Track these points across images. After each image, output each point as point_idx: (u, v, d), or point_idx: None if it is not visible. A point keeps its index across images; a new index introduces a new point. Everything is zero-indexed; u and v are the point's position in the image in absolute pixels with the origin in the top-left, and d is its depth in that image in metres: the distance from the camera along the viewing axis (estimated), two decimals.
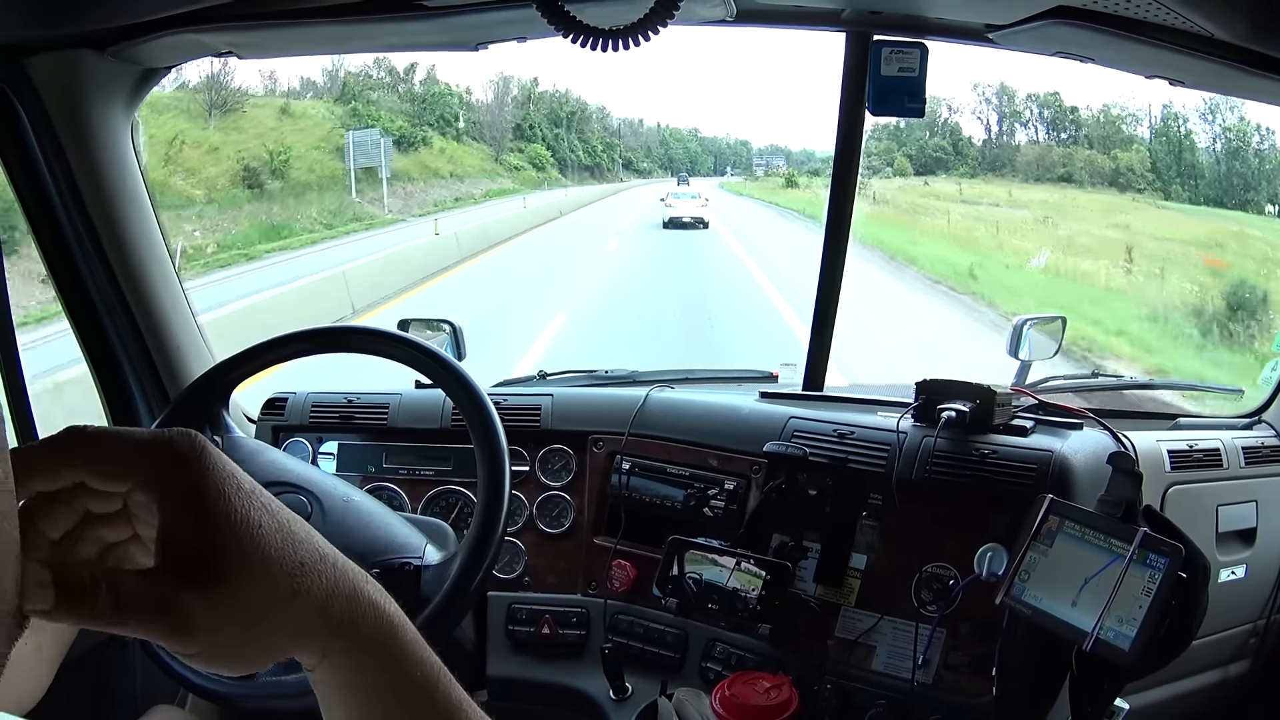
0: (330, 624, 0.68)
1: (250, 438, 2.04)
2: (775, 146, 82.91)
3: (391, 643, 0.71)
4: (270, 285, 15.19)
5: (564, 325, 14.52)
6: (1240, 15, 1.57)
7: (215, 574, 0.62)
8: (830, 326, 2.54)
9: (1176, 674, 2.25)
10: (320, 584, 0.67)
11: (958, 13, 2.14)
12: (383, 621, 0.71)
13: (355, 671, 0.70)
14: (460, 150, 51.98)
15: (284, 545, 0.65)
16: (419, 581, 1.73)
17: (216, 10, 1.81)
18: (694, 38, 12.32)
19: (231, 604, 0.62)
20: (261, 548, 0.64)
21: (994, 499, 1.96)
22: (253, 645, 0.65)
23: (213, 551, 0.62)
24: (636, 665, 2.17)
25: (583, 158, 68.37)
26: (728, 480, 2.23)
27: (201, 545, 0.62)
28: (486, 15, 1.91)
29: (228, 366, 2.01)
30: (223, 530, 0.63)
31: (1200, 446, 2.34)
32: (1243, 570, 2.38)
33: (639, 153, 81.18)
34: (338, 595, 0.68)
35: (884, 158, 46.77)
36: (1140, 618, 1.61)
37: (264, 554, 0.64)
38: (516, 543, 2.37)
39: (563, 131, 65.20)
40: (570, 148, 66.85)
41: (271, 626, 0.65)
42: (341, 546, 1.76)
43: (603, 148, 72.25)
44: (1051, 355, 2.52)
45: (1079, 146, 39.37)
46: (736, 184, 67.11)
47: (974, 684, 1.89)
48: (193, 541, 0.62)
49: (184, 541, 0.62)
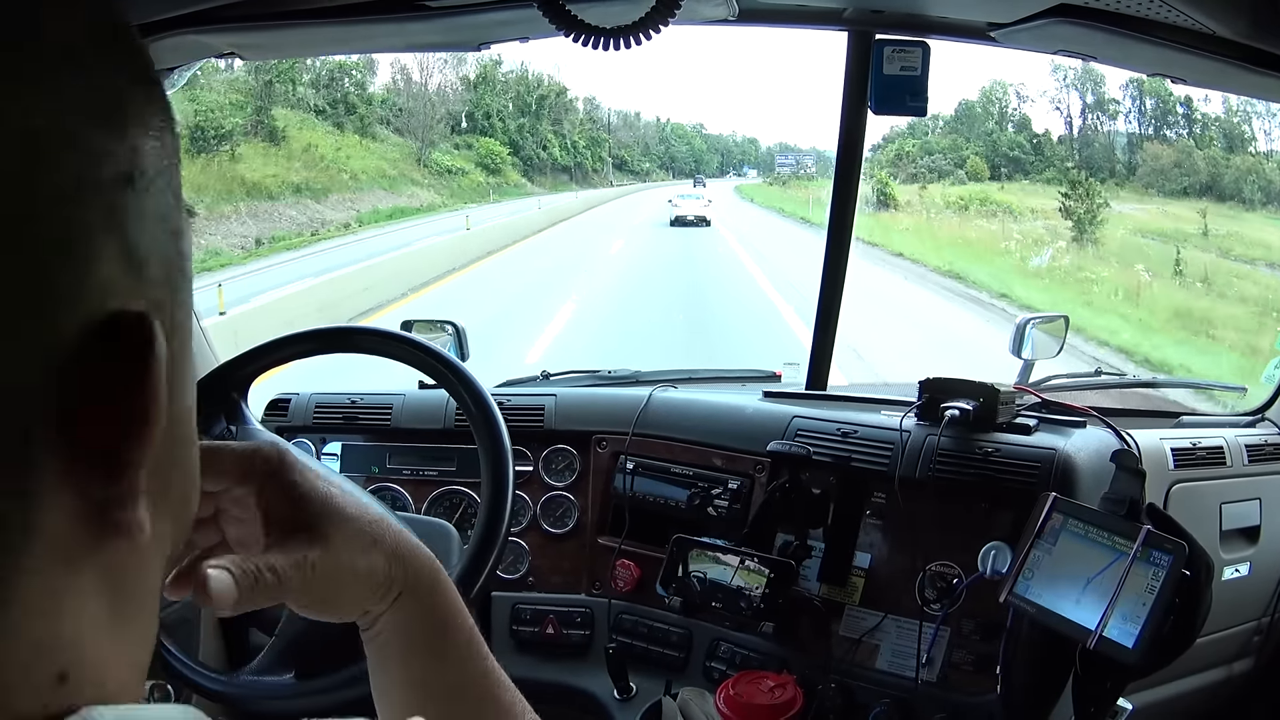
0: (399, 568, 0.84)
1: (267, 432, 2.03)
2: (785, 145, 78.95)
3: (443, 594, 0.88)
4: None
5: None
6: (1242, 12, 1.57)
7: (322, 537, 0.80)
8: (833, 326, 2.54)
9: (1180, 672, 2.24)
10: (390, 534, 0.85)
11: (959, 11, 2.14)
12: (437, 574, 0.88)
13: (412, 617, 0.86)
14: (356, 147, 38.06)
15: (358, 509, 0.83)
16: None
17: (219, 11, 1.81)
18: (697, 34, 11.91)
19: (337, 558, 0.80)
20: (343, 513, 0.82)
21: (998, 497, 1.96)
22: (346, 591, 0.82)
23: (310, 522, 0.80)
24: (641, 665, 2.17)
25: (558, 156, 58.62)
26: (731, 479, 2.23)
27: (303, 522, 0.80)
28: (488, 15, 1.90)
29: (232, 367, 2.01)
30: (313, 506, 0.81)
31: (1204, 444, 2.34)
32: (1246, 568, 2.38)
33: (633, 150, 73.79)
34: (403, 544, 0.86)
35: (951, 156, 40.48)
36: (1144, 615, 1.61)
37: (344, 517, 0.82)
38: (520, 543, 2.38)
39: (530, 121, 55.90)
40: (542, 142, 57.09)
41: (363, 573, 0.82)
42: None
43: (586, 143, 62.92)
44: (1055, 354, 2.52)
45: (1208, 147, 32.93)
46: (759, 189, 59.58)
47: (978, 682, 1.89)
48: (296, 521, 0.80)
49: (289, 524, 0.79)
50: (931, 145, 41.44)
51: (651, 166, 74.94)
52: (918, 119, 29.71)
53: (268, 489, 0.79)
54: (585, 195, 51.29)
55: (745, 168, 77.46)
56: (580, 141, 62.04)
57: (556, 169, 58.79)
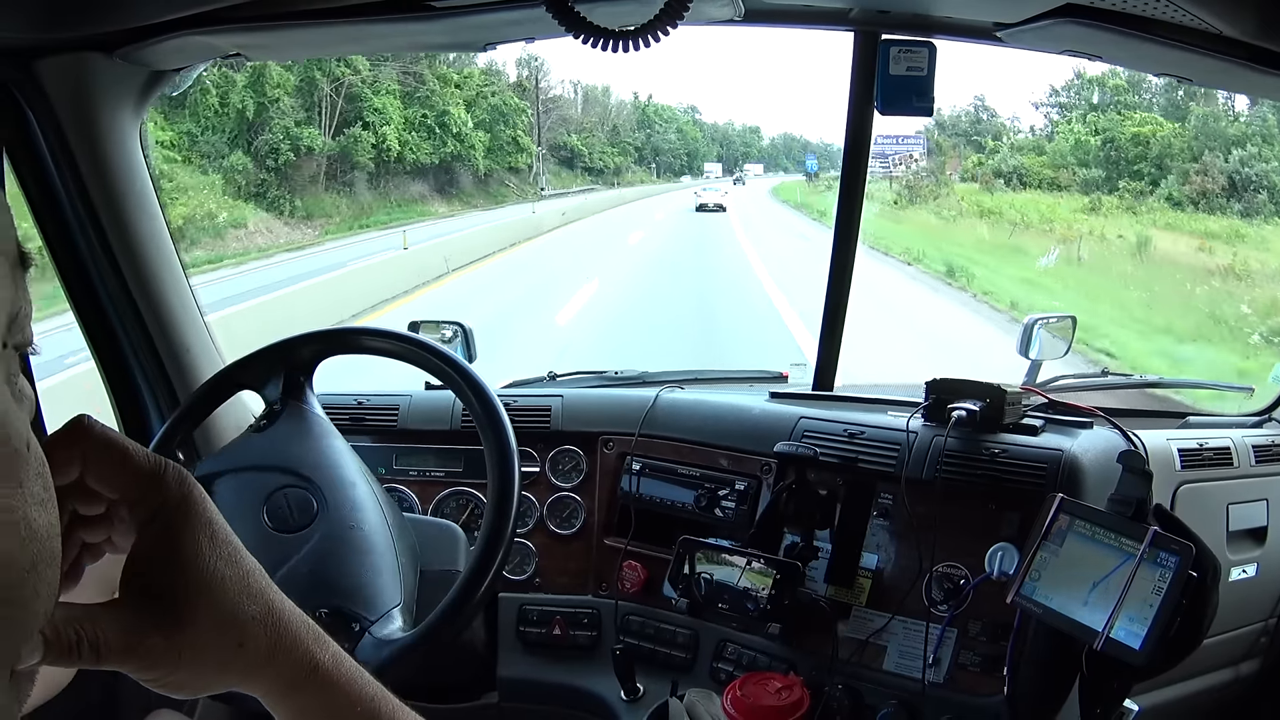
0: (271, 673, 0.76)
1: (316, 415, 2.00)
2: (790, 136, 70.12)
3: (326, 690, 0.79)
4: None
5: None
6: (1249, 12, 1.57)
7: (175, 618, 0.70)
8: (840, 326, 2.54)
9: (1187, 673, 2.24)
10: (265, 639, 0.75)
11: (966, 11, 2.14)
12: (317, 674, 0.78)
13: (296, 710, 0.79)
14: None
15: (238, 599, 0.73)
16: (357, 643, 1.66)
17: (224, 12, 1.81)
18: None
19: (186, 646, 0.70)
20: (218, 600, 0.72)
21: (1004, 498, 1.96)
22: (203, 679, 0.73)
23: (175, 598, 0.70)
24: (647, 666, 2.17)
25: (392, 144, 34.61)
26: (738, 480, 2.23)
27: (166, 589, 0.70)
28: (494, 15, 1.90)
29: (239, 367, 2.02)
30: (188, 580, 0.71)
31: (1211, 445, 2.34)
32: (1254, 569, 2.37)
33: (596, 137, 53.19)
34: (279, 650, 0.76)
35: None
36: (1151, 617, 1.61)
37: (219, 607, 0.72)
38: (527, 544, 2.38)
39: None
40: (343, 116, 34.08)
41: (220, 668, 0.73)
42: (313, 570, 1.76)
43: (470, 127, 38.85)
44: (1062, 355, 2.52)
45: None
46: (806, 193, 44.80)
47: (985, 684, 1.88)
48: (159, 583, 0.70)
49: (152, 579, 0.70)
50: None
51: (624, 161, 55.89)
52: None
53: (151, 526, 0.71)
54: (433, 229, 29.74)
55: (744, 163, 65.79)
56: (453, 111, 38.32)
57: (400, 173, 36.92)
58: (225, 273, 22.55)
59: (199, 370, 2.38)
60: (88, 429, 0.69)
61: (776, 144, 70.73)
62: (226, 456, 1.91)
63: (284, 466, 1.84)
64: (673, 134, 61.27)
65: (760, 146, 70.25)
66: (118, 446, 0.69)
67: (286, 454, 1.87)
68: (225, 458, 1.91)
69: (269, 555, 1.71)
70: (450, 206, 38.77)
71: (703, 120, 66.99)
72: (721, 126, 69.65)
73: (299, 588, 1.68)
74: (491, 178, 41.86)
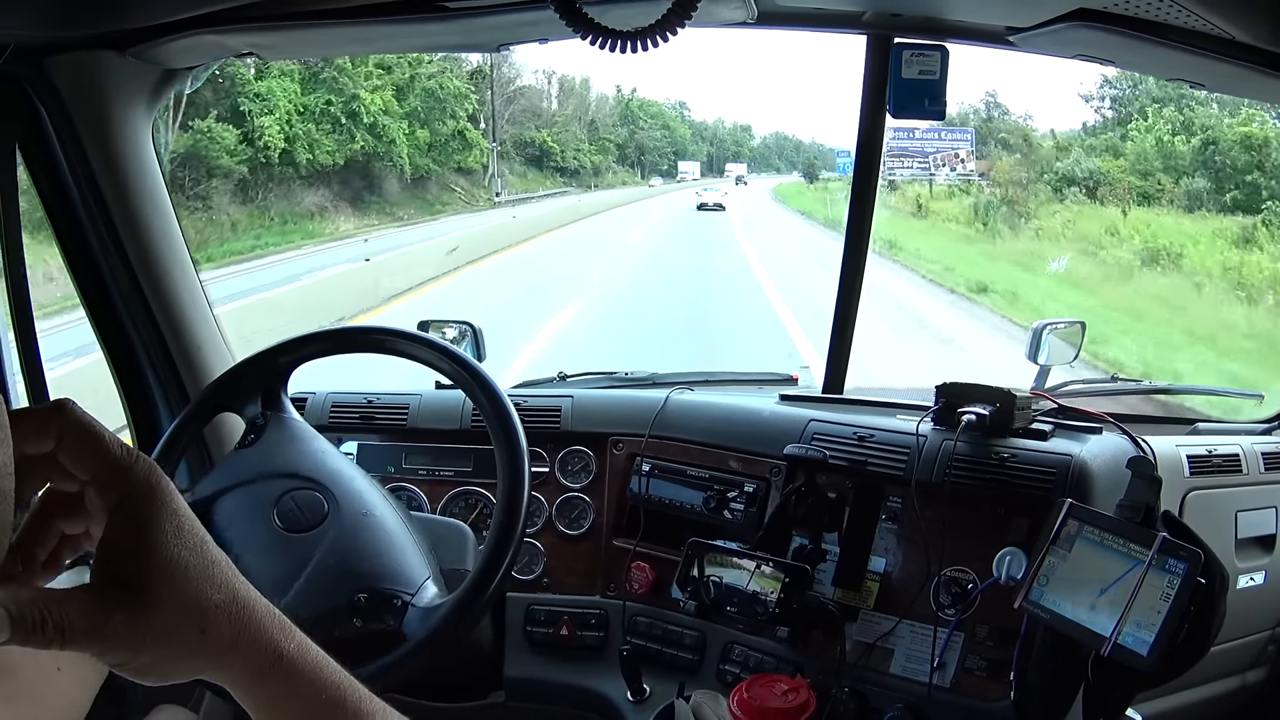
0: (236, 660, 0.77)
1: (301, 421, 2.04)
2: (783, 135, 65.20)
3: (291, 678, 0.80)
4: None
5: None
6: (1262, 17, 1.57)
7: (139, 602, 0.71)
8: (850, 329, 2.55)
9: (1193, 681, 2.23)
10: (228, 627, 0.76)
11: (978, 15, 2.14)
12: (281, 662, 0.79)
13: (262, 698, 0.80)
14: None
15: (202, 586, 0.74)
16: (402, 618, 1.71)
17: (237, 12, 1.82)
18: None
19: (150, 630, 0.72)
20: (181, 588, 0.73)
21: (1013, 503, 1.96)
22: (168, 665, 0.75)
23: (140, 583, 0.72)
24: (654, 667, 2.17)
25: (272, 139, 27.30)
26: (747, 483, 2.23)
27: (132, 575, 0.72)
28: (506, 17, 1.91)
29: (249, 366, 2.02)
30: (152, 565, 0.72)
31: (1220, 452, 2.33)
32: (1262, 576, 2.36)
33: (571, 132, 46.03)
34: (243, 638, 0.77)
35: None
36: (1159, 623, 1.61)
37: (183, 593, 0.73)
38: (536, 544, 2.38)
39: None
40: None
41: (186, 653, 0.75)
42: (341, 561, 1.79)
43: (395, 117, 31.47)
44: (1071, 360, 2.51)
45: None
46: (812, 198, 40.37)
47: (991, 688, 1.88)
48: (125, 569, 0.72)
49: (118, 567, 0.72)
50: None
51: (603, 160, 48.93)
52: None
53: (119, 513, 0.72)
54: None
55: (728, 162, 59.75)
56: (387, 114, 30.98)
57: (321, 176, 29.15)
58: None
59: (210, 368, 2.39)
60: (68, 409, 0.72)
61: (768, 143, 66.86)
62: (223, 475, 1.92)
63: (284, 472, 1.87)
64: (658, 131, 55.32)
65: (751, 146, 66.50)
66: (94, 431, 0.72)
67: (283, 461, 1.90)
68: (222, 476, 1.92)
69: (290, 557, 1.74)
70: (364, 220, 30.14)
71: (692, 118, 61.24)
72: (711, 124, 64.43)
73: (331, 580, 1.73)
74: (430, 181, 34.37)
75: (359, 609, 1.70)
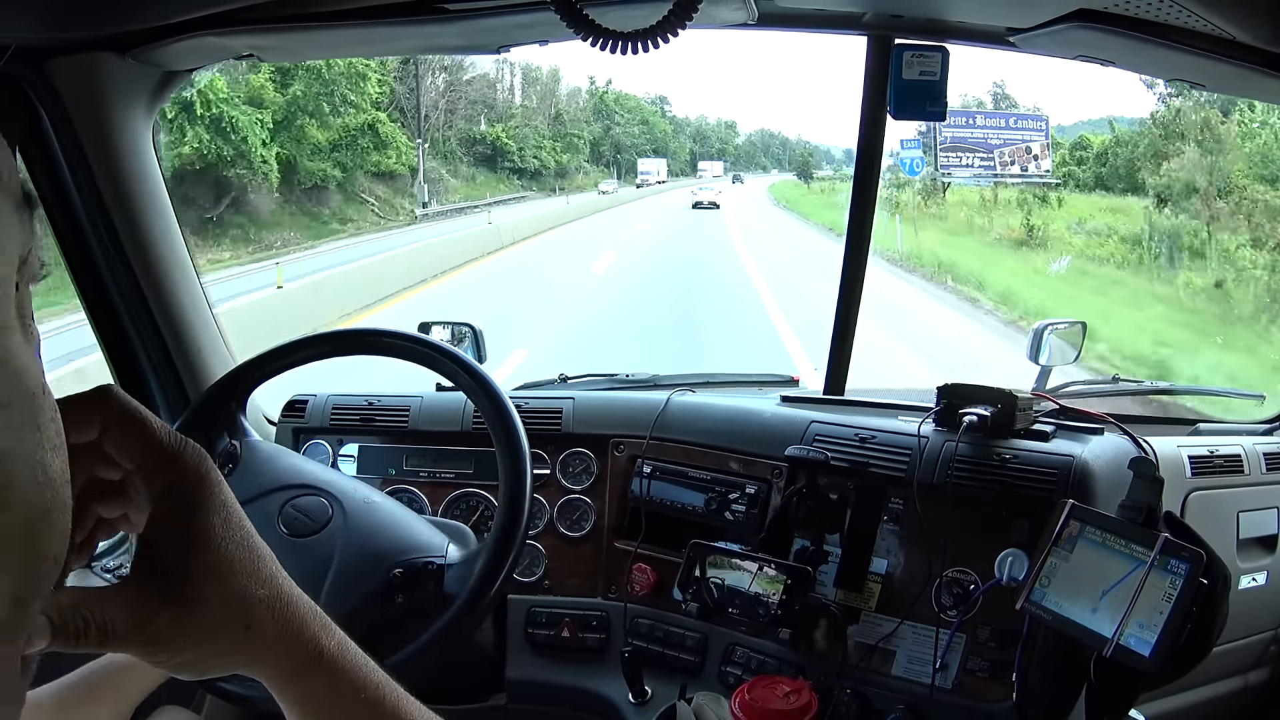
0: (277, 656, 0.76)
1: (269, 441, 2.05)
2: (769, 133, 66.45)
3: (330, 676, 0.79)
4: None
5: None
6: (1262, 18, 1.57)
7: (184, 595, 0.69)
8: (851, 331, 2.54)
9: (1195, 681, 2.24)
10: (271, 622, 0.75)
11: (979, 16, 2.14)
12: (322, 659, 0.78)
13: (300, 695, 0.79)
14: None
15: (247, 581, 0.73)
16: (442, 580, 1.75)
17: (238, 14, 1.82)
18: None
19: (195, 626, 0.70)
20: (227, 581, 0.71)
21: (1015, 504, 1.95)
22: (210, 660, 0.73)
23: (186, 574, 0.70)
24: (656, 669, 2.17)
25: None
26: (749, 484, 2.23)
27: (177, 566, 0.70)
28: (507, 19, 1.91)
29: (247, 369, 2.02)
30: (200, 557, 0.70)
31: (1221, 452, 2.33)
32: (1263, 577, 2.36)
33: (531, 127, 41.52)
34: (285, 635, 0.76)
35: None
36: (1161, 624, 1.60)
37: (228, 587, 0.71)
38: (537, 546, 2.38)
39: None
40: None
41: (229, 649, 0.73)
42: (363, 547, 1.79)
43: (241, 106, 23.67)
44: (1072, 360, 2.51)
45: None
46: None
47: (993, 690, 1.88)
48: (170, 559, 0.70)
49: (163, 555, 0.70)
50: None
51: (571, 159, 44.06)
52: None
53: (166, 502, 0.70)
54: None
55: (706, 159, 57.78)
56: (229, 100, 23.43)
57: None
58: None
59: (209, 370, 2.39)
60: (112, 396, 0.69)
61: (754, 140, 66.89)
62: None
63: (276, 486, 1.88)
64: (636, 126, 51.37)
65: (736, 143, 66.21)
66: (139, 417, 0.70)
67: (271, 477, 1.91)
68: None
69: (309, 561, 1.76)
70: (211, 252, 21.94)
71: (673, 113, 58.24)
72: (694, 120, 62.32)
73: (364, 566, 1.76)
74: (330, 192, 26.66)
75: (397, 584, 1.74)
